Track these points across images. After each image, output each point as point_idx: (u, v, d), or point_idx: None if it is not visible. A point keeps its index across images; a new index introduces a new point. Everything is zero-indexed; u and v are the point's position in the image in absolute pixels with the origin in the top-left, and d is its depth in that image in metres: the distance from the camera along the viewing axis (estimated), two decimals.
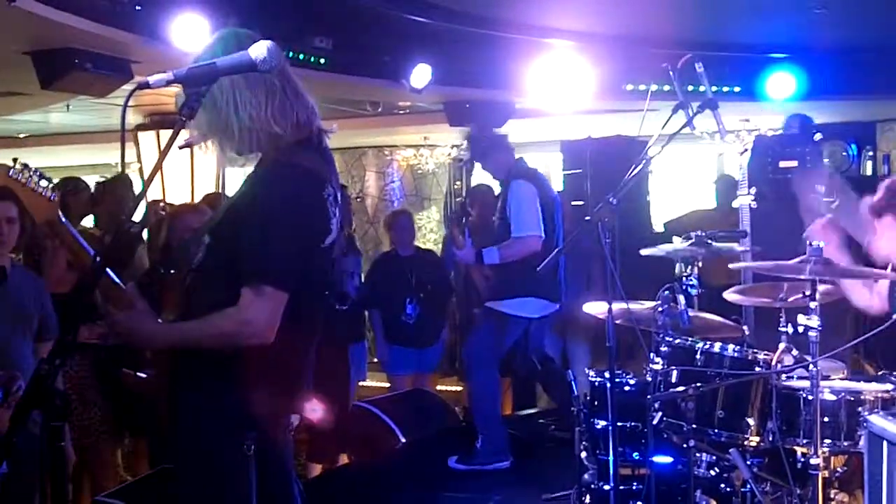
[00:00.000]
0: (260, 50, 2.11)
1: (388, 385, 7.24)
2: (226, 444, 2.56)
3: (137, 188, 5.81)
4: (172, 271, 2.67)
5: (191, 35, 5.23)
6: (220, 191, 5.51)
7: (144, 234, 5.99)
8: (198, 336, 2.53)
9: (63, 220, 2.59)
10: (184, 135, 2.42)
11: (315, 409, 2.61)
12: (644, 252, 4.48)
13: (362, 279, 6.83)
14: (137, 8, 5.09)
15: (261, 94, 2.50)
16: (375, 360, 7.25)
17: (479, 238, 6.37)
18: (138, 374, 2.77)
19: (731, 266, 4.37)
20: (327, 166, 2.67)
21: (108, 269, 2.54)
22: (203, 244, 2.63)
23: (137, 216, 2.39)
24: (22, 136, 10.68)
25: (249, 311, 2.45)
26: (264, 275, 2.46)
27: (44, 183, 2.57)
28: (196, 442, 2.60)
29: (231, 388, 2.54)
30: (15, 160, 2.56)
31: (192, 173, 8.14)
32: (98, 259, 2.51)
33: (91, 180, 6.09)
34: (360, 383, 7.11)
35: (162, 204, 5.15)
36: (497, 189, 7.26)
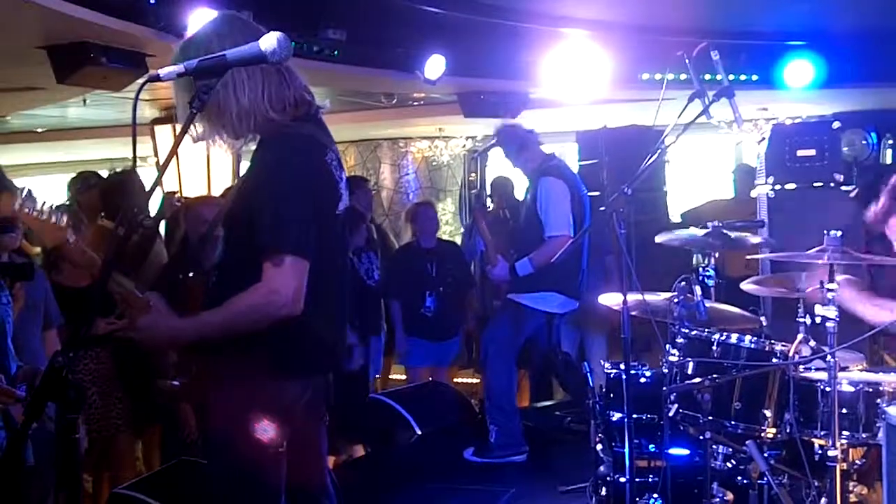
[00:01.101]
0: (270, 41, 2.10)
1: (404, 377, 7.24)
2: (257, 441, 2.56)
3: (150, 182, 5.81)
4: (192, 273, 2.69)
5: None
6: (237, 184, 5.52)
7: (162, 228, 6.02)
8: (224, 319, 2.50)
9: (71, 241, 2.63)
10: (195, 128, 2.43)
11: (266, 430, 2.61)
12: (659, 238, 4.44)
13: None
14: (151, 2, 5.09)
15: (257, 77, 2.54)
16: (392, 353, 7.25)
17: (497, 239, 6.38)
18: (172, 382, 2.78)
19: (748, 257, 4.34)
20: (325, 136, 2.69)
21: (122, 277, 2.57)
22: (219, 238, 2.64)
23: (152, 210, 2.40)
24: (40, 130, 10.73)
25: (274, 281, 2.44)
26: (282, 244, 2.45)
27: (47, 208, 2.58)
28: (228, 440, 2.59)
29: (262, 381, 2.56)
30: (22, 189, 2.61)
31: (209, 166, 8.15)
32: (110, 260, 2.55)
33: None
34: (376, 376, 7.13)
35: (177, 195, 5.15)
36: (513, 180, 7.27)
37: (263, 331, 2.49)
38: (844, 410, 3.47)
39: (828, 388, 3.42)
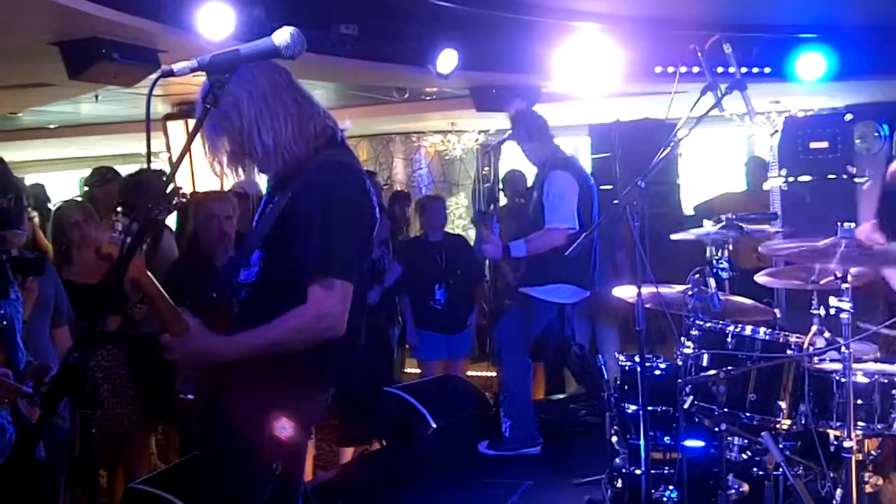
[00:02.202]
0: (283, 36, 2.11)
1: (419, 371, 7.26)
2: (256, 462, 2.61)
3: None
4: (216, 295, 2.69)
5: (217, 24, 5.25)
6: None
7: (173, 224, 6.04)
8: (270, 339, 2.52)
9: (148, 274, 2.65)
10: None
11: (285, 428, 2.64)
12: (674, 237, 4.45)
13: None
14: None
15: (279, 115, 2.58)
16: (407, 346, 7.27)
17: (509, 223, 6.36)
18: (188, 396, 2.78)
19: (760, 248, 4.33)
20: (357, 162, 2.76)
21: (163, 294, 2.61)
22: (251, 261, 2.67)
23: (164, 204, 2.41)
24: (52, 126, 10.78)
25: (324, 305, 2.49)
26: (331, 269, 2.50)
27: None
28: (250, 452, 2.60)
29: (292, 394, 2.61)
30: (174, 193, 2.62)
31: None
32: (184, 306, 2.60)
33: (122, 170, 6.13)
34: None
35: (181, 191, 5.15)
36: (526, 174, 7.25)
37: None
38: (859, 401, 3.46)
39: (843, 380, 3.41)
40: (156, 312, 2.72)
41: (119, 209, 5.16)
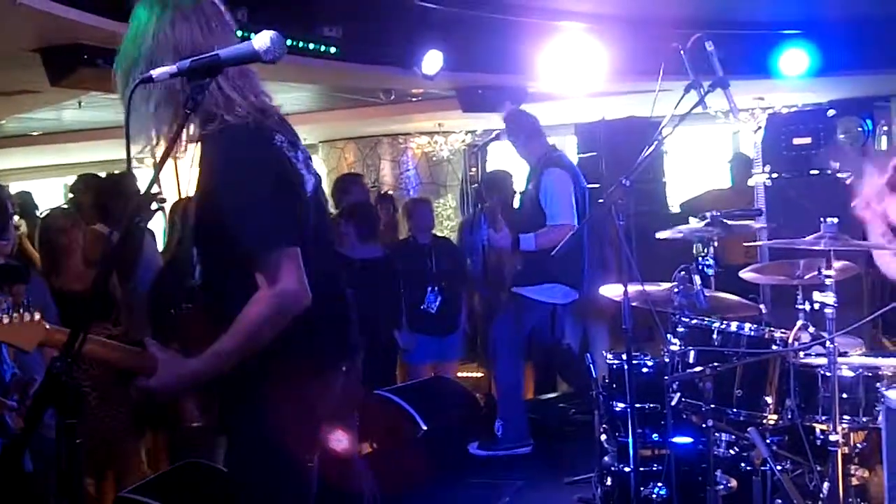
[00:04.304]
0: (263, 40, 2.11)
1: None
2: (289, 462, 2.46)
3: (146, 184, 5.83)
4: (189, 305, 2.54)
5: None
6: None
7: (161, 233, 6.02)
8: (240, 341, 2.35)
9: (49, 328, 2.45)
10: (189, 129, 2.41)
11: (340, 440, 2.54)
12: (660, 235, 4.46)
13: None
14: None
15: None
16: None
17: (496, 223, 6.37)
18: (194, 424, 2.70)
19: (745, 245, 4.35)
20: (268, 120, 2.50)
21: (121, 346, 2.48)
22: (192, 261, 2.53)
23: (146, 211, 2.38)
24: (35, 133, 10.74)
25: (277, 283, 2.32)
26: (265, 243, 2.34)
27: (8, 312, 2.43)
28: (262, 455, 2.47)
29: (288, 386, 2.42)
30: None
31: None
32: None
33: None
34: None
35: (160, 196, 5.13)
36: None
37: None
38: (845, 395, 3.48)
39: (828, 374, 3.43)
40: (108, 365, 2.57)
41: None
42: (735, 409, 3.78)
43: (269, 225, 2.35)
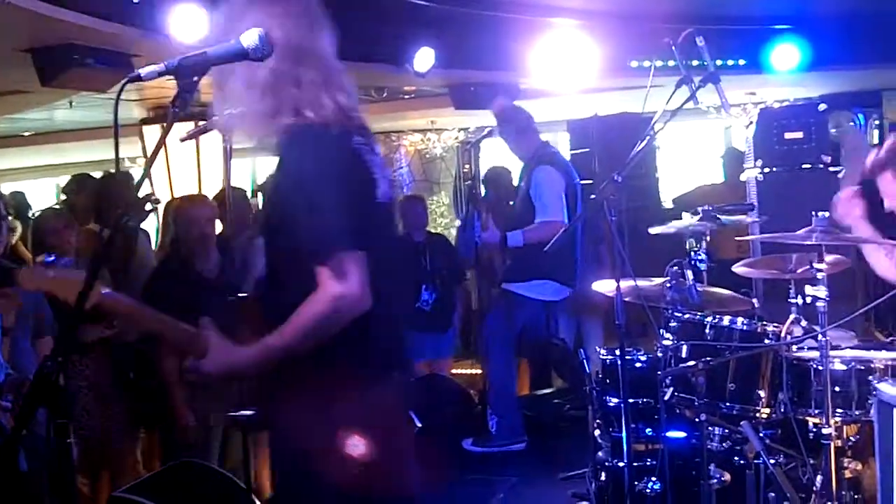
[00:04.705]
0: (251, 38, 2.10)
1: None
2: (345, 457, 2.40)
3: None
4: (242, 294, 2.55)
5: (190, 26, 5.23)
6: (228, 184, 5.49)
7: (153, 232, 6.02)
8: (293, 337, 2.33)
9: (105, 291, 2.40)
10: (181, 127, 2.41)
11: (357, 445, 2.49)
12: (653, 230, 4.47)
13: None
14: (135, 1, 5.09)
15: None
16: None
17: (495, 220, 6.38)
18: (243, 412, 2.65)
19: (737, 239, 4.35)
20: (350, 121, 2.49)
21: (177, 322, 2.43)
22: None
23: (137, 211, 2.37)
24: (27, 134, 10.71)
25: (338, 284, 2.29)
26: (331, 243, 2.31)
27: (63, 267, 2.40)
28: (311, 460, 2.40)
29: (340, 390, 2.38)
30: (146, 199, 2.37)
31: (199, 167, 8.14)
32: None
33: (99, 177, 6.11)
34: None
35: (154, 197, 5.14)
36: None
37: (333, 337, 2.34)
38: (837, 388, 3.48)
39: (820, 367, 3.44)
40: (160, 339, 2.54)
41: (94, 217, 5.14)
42: (728, 404, 3.78)
43: (336, 226, 2.32)
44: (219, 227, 5.13)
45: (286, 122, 2.40)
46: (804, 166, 6.32)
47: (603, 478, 4.33)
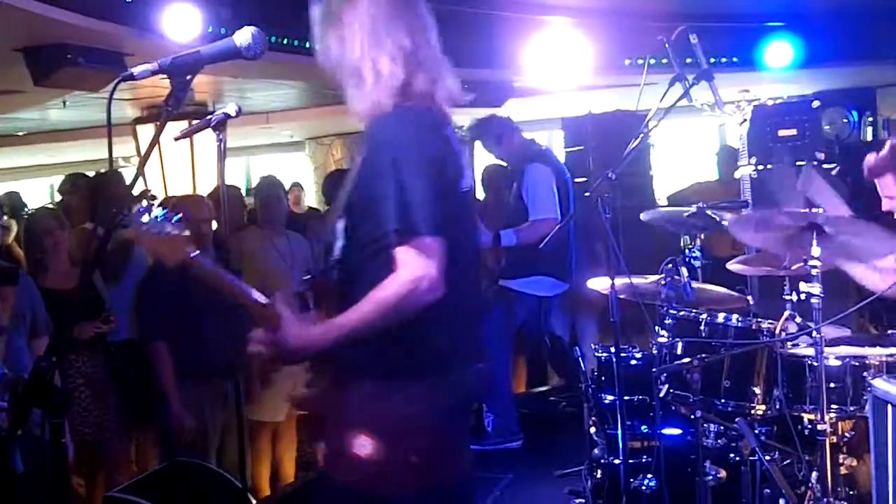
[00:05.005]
0: (244, 36, 2.11)
1: None
2: (395, 451, 2.37)
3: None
4: (310, 276, 2.50)
5: (183, 25, 5.23)
6: (222, 183, 5.48)
7: None
8: (366, 317, 2.28)
9: (194, 255, 2.39)
10: (175, 126, 2.41)
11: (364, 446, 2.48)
12: (644, 216, 4.47)
13: None
14: (127, 0, 5.08)
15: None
16: None
17: (493, 219, 6.38)
18: (305, 391, 2.59)
19: (729, 230, 4.35)
20: (442, 110, 2.51)
21: (252, 291, 2.38)
22: (338, 232, 2.48)
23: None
24: (20, 133, 10.69)
25: (416, 267, 2.26)
26: (415, 225, 2.28)
27: (164, 221, 2.35)
28: (358, 454, 2.36)
29: (404, 381, 2.38)
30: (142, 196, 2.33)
31: (193, 166, 8.13)
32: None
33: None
34: None
35: (151, 194, 5.14)
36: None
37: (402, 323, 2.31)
38: (832, 385, 3.49)
39: (815, 364, 3.44)
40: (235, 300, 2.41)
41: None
42: (723, 400, 3.79)
43: (420, 210, 2.29)
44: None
45: (385, 103, 2.40)
46: (798, 163, 6.34)
47: (599, 475, 4.33)
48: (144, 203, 2.35)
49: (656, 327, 4.05)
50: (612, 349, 4.05)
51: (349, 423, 2.40)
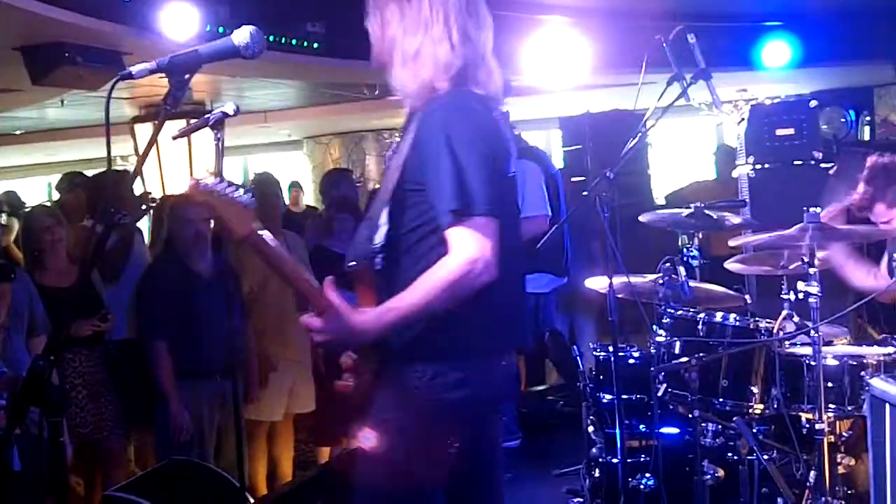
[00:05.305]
0: (243, 35, 2.10)
1: None
2: (434, 442, 2.36)
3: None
4: (354, 263, 2.41)
5: (181, 24, 5.23)
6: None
7: (145, 228, 6.01)
8: (418, 301, 2.24)
9: (260, 232, 2.28)
10: (173, 125, 2.40)
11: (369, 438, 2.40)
12: (643, 218, 4.47)
13: None
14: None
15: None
16: None
17: None
18: (343, 381, 2.54)
19: (731, 243, 4.38)
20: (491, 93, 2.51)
21: (311, 277, 2.32)
22: (377, 221, 2.44)
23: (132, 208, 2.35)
24: (18, 132, 10.68)
25: (472, 247, 2.23)
26: (470, 205, 2.25)
27: (237, 192, 2.22)
28: (399, 440, 2.35)
29: (449, 365, 2.34)
30: (142, 198, 2.19)
31: (191, 165, 8.13)
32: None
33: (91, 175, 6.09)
34: None
35: (151, 195, 5.15)
36: None
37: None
38: (830, 384, 3.50)
39: (813, 363, 3.45)
40: (289, 282, 2.36)
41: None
42: (721, 399, 3.79)
43: (478, 190, 2.27)
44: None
45: (440, 86, 2.41)
46: (796, 162, 6.34)
47: (597, 474, 4.33)
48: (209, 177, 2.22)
49: (654, 326, 4.05)
50: (611, 348, 4.05)
51: (392, 409, 2.37)
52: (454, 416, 2.38)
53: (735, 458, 4.00)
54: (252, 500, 4.48)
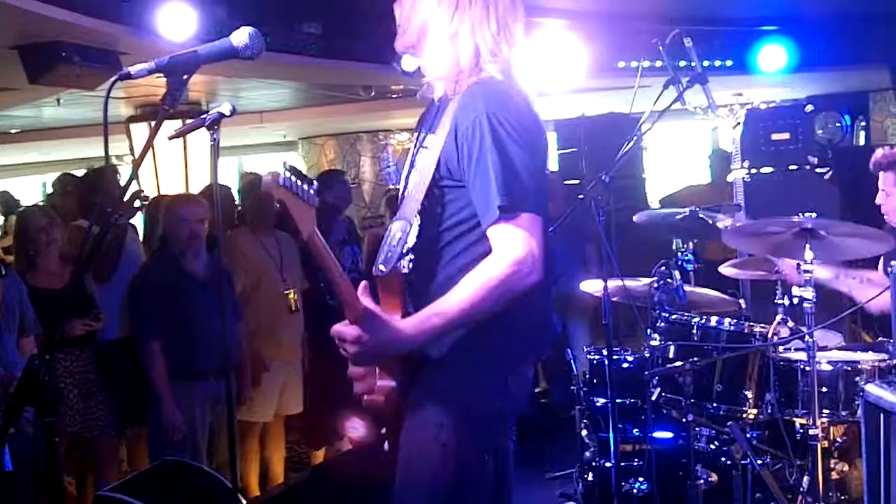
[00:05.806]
0: (241, 36, 2.10)
1: None
2: (470, 456, 2.25)
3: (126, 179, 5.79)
4: (384, 269, 2.24)
5: (178, 25, 5.22)
6: (215, 182, 5.45)
7: (140, 227, 5.99)
8: (466, 302, 2.05)
9: (316, 231, 2.13)
10: (169, 125, 2.40)
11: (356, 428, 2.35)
12: (636, 218, 4.47)
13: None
14: None
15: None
16: None
17: None
18: (371, 397, 2.43)
19: (722, 230, 4.37)
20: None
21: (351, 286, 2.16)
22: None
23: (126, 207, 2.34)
24: (14, 131, 10.66)
25: (519, 245, 2.08)
26: (514, 201, 2.09)
27: (307, 187, 2.08)
28: (434, 456, 2.25)
29: (485, 374, 2.22)
30: (284, 163, 2.10)
31: (186, 165, 8.12)
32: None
33: None
34: None
35: (143, 194, 5.12)
36: None
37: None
38: (824, 389, 3.50)
39: (807, 368, 3.45)
40: (332, 285, 2.18)
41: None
42: (715, 404, 3.80)
43: (526, 185, 2.13)
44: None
45: (477, 72, 2.28)
46: (791, 167, 6.35)
47: (590, 478, 4.34)
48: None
49: (648, 330, 4.05)
50: (604, 352, 4.05)
51: (426, 416, 2.24)
52: (491, 429, 2.30)
53: (729, 462, 4.01)
54: (244, 502, 4.46)
